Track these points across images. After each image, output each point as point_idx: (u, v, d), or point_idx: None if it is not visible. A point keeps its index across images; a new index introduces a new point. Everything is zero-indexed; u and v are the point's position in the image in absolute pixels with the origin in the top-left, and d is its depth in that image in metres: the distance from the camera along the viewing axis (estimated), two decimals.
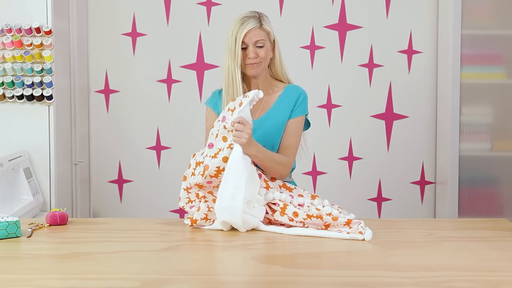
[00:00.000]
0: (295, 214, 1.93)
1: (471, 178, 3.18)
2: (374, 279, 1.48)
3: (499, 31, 3.16)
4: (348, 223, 1.89)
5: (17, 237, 1.86)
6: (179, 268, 1.59)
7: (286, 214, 1.94)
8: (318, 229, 1.91)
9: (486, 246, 1.76)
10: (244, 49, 2.15)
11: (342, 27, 3.36)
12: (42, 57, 2.79)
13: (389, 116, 3.40)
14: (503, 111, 3.19)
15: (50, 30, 2.78)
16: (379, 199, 3.44)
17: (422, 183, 3.43)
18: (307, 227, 1.92)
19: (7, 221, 1.84)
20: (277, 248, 1.76)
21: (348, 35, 3.36)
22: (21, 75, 2.81)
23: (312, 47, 3.37)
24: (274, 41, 2.22)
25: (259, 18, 2.17)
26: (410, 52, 3.37)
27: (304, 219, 1.92)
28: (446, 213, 3.20)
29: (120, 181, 3.43)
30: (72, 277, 1.50)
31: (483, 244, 1.79)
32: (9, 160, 2.63)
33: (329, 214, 1.91)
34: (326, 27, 3.36)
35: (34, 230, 1.93)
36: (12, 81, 2.79)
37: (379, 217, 3.38)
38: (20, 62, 2.80)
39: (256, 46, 2.15)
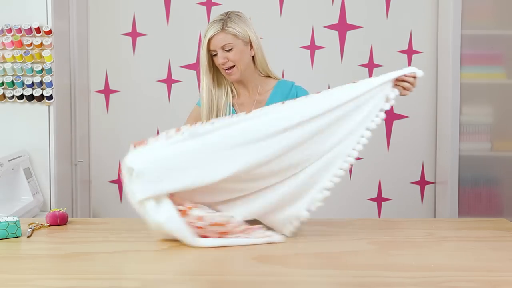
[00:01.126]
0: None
1: (471, 178, 3.18)
2: (374, 279, 1.48)
3: (499, 31, 3.16)
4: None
5: (17, 237, 1.86)
6: (179, 268, 1.59)
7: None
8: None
9: (486, 246, 1.76)
10: (215, 55, 2.13)
11: (342, 27, 3.36)
12: (42, 57, 2.79)
13: (389, 116, 3.40)
14: (503, 111, 3.19)
15: (50, 30, 2.78)
16: (379, 199, 3.43)
17: (422, 183, 3.43)
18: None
19: (7, 221, 1.84)
20: (277, 248, 1.76)
21: (348, 35, 3.36)
22: (21, 75, 2.81)
23: (312, 47, 3.37)
24: (250, 39, 2.15)
25: (224, 20, 2.12)
26: (410, 52, 3.37)
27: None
28: (446, 213, 3.20)
29: (120, 181, 3.43)
30: (72, 277, 1.50)
31: (483, 244, 1.79)
32: (9, 160, 2.63)
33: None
34: (326, 27, 3.36)
35: (34, 230, 1.93)
36: (12, 81, 2.79)
37: (379, 217, 3.38)
38: (20, 62, 2.80)
39: (225, 50, 2.11)
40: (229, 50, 2.11)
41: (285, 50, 3.36)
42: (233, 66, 2.13)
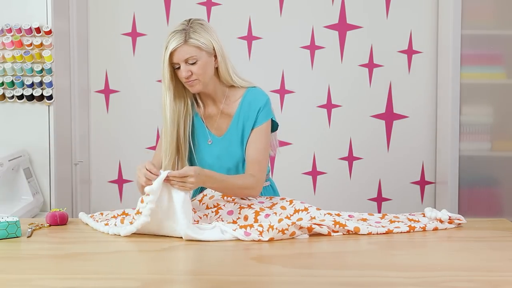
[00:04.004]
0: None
1: (471, 178, 3.17)
2: (374, 279, 1.48)
3: (499, 31, 3.16)
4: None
5: (17, 237, 1.86)
6: (179, 268, 1.59)
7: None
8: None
9: (486, 246, 1.76)
10: (178, 68, 2.01)
11: (342, 27, 3.36)
12: (42, 57, 2.79)
13: (389, 116, 3.40)
14: (503, 111, 3.19)
15: (50, 30, 2.78)
16: (379, 199, 3.43)
17: (422, 183, 3.43)
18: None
19: (7, 221, 1.84)
20: (277, 248, 1.76)
21: (348, 35, 3.36)
22: (21, 75, 2.81)
23: (312, 47, 3.37)
24: (214, 49, 2.03)
25: (186, 31, 1.97)
26: (410, 52, 3.37)
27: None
28: None
29: (120, 181, 3.43)
30: (72, 277, 1.50)
31: (483, 244, 1.79)
32: (9, 160, 2.63)
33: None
34: (326, 27, 3.36)
35: (34, 230, 1.93)
36: (12, 81, 2.79)
37: None
38: (20, 62, 2.80)
39: (188, 64, 1.98)
40: (193, 63, 1.99)
41: (285, 50, 3.36)
42: (196, 79, 2.01)
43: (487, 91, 3.18)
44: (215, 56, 2.04)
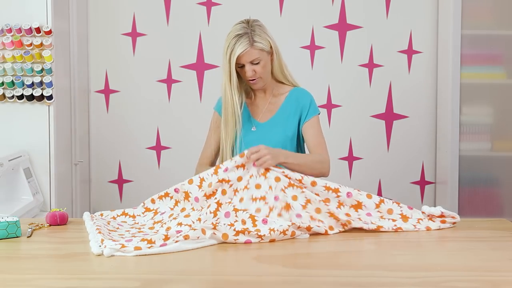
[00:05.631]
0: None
1: (471, 178, 3.18)
2: (374, 279, 1.48)
3: (499, 31, 3.16)
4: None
5: (17, 237, 1.86)
6: (179, 268, 1.59)
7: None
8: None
9: (486, 246, 1.76)
10: (241, 67, 2.18)
11: (342, 27, 3.36)
12: (42, 57, 2.79)
13: (389, 116, 3.41)
14: (503, 111, 3.19)
15: (50, 30, 2.78)
16: None
17: (422, 183, 3.43)
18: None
19: (7, 221, 1.84)
20: (277, 248, 1.76)
21: (348, 35, 3.36)
22: (21, 75, 2.81)
23: (312, 47, 3.37)
24: (271, 47, 2.21)
25: (249, 34, 2.14)
26: (410, 52, 3.37)
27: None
28: None
29: (120, 181, 3.43)
30: (72, 277, 1.50)
31: (483, 244, 1.79)
32: (9, 160, 2.63)
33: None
34: (326, 27, 3.36)
35: (34, 230, 1.93)
36: (12, 81, 2.79)
37: None
38: (20, 62, 2.80)
39: (253, 64, 2.17)
40: (257, 63, 2.17)
41: (285, 50, 3.33)
42: (260, 77, 2.20)
43: (487, 91, 3.18)
44: (271, 53, 2.23)
